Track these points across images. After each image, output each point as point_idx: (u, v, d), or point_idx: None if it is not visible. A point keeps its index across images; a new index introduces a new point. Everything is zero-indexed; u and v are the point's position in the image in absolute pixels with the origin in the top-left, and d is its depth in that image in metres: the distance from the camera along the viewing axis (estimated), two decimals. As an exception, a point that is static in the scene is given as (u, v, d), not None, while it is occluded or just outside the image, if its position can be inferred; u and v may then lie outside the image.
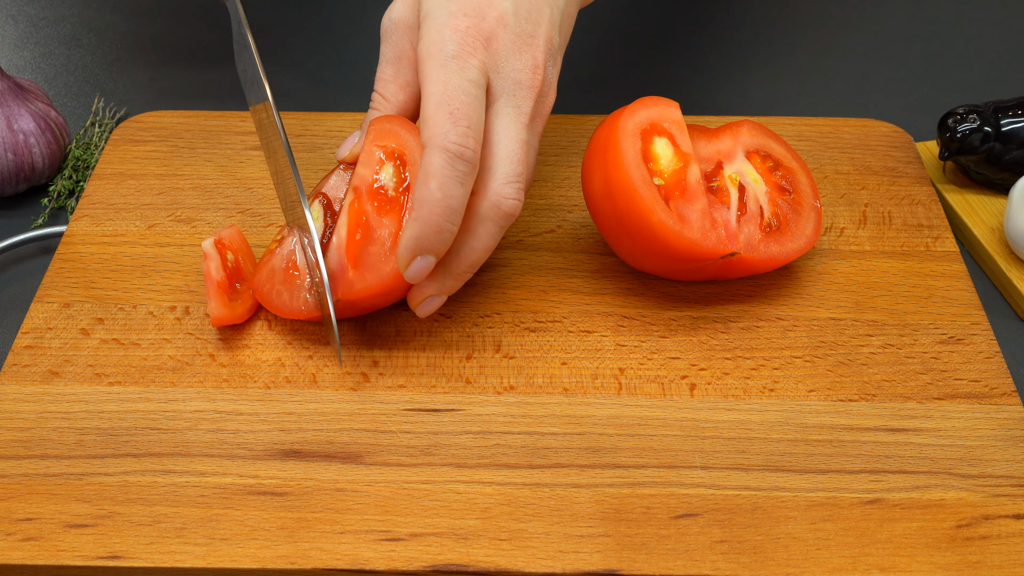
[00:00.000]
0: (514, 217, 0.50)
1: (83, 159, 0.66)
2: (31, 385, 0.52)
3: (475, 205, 0.50)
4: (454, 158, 0.47)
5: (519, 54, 0.51)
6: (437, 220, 0.48)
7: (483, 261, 0.51)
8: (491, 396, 0.52)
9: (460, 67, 0.49)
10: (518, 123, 0.51)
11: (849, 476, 0.49)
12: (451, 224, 0.48)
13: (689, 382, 0.52)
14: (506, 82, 0.51)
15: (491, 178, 0.50)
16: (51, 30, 0.79)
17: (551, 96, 0.53)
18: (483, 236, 0.50)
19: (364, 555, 0.46)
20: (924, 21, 0.80)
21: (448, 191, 0.48)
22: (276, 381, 0.52)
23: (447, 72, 0.49)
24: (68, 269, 0.58)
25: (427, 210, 0.48)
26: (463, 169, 0.48)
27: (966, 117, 0.61)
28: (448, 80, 0.49)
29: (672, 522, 0.47)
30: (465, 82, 0.49)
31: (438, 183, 0.47)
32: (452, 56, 0.49)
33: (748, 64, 0.76)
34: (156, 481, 0.48)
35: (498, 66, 0.51)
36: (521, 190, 0.50)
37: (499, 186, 0.50)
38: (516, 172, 0.50)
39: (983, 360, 0.53)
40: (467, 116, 0.48)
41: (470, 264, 0.51)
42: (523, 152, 0.50)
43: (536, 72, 0.51)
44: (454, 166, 0.47)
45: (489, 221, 0.50)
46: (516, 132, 0.50)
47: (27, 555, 0.46)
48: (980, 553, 0.46)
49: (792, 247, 0.55)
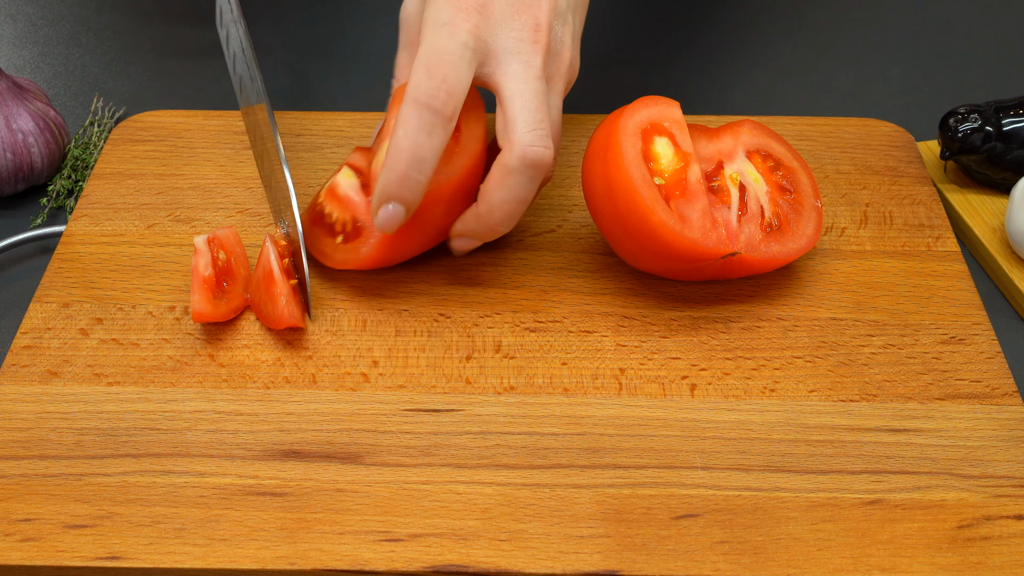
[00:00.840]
0: (544, 166, 0.51)
1: (82, 159, 0.66)
2: (30, 385, 0.52)
3: (503, 159, 0.51)
4: (422, 108, 0.49)
5: (518, 16, 0.52)
6: (403, 168, 0.49)
7: (517, 215, 0.52)
8: (491, 396, 0.52)
9: (450, 32, 0.50)
10: (529, 74, 0.51)
11: (850, 476, 0.48)
12: (417, 173, 0.49)
13: (690, 382, 0.52)
14: (508, 42, 0.52)
15: (512, 130, 0.50)
16: (50, 29, 0.78)
17: (565, 55, 0.53)
18: (513, 188, 0.51)
19: (364, 556, 0.45)
20: (925, 20, 0.80)
21: (414, 139, 0.49)
22: (275, 381, 0.52)
23: (435, 36, 0.50)
24: (67, 269, 0.57)
25: (393, 158, 0.49)
26: (429, 119, 0.49)
27: (967, 117, 0.61)
28: (435, 43, 0.50)
29: (673, 523, 0.47)
30: (452, 43, 0.50)
31: (404, 131, 0.49)
32: (444, 23, 0.51)
33: (749, 63, 0.76)
34: (155, 481, 0.48)
35: (495, 30, 0.51)
36: (545, 136, 0.50)
37: (521, 135, 0.50)
38: (536, 119, 0.50)
39: (984, 360, 0.53)
40: (443, 72, 0.49)
41: (503, 216, 0.52)
42: (539, 100, 0.51)
43: (539, 30, 0.52)
44: (421, 116, 0.49)
45: (517, 172, 0.50)
46: (529, 83, 0.51)
47: (26, 556, 0.45)
48: (981, 554, 0.46)
49: (793, 247, 0.55)
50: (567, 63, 0.54)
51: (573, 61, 0.55)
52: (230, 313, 0.54)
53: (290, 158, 0.64)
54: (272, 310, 0.53)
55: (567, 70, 0.54)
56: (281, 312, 0.53)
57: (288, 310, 0.53)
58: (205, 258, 0.54)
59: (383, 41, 0.77)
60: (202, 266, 0.54)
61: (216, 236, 0.56)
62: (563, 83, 0.54)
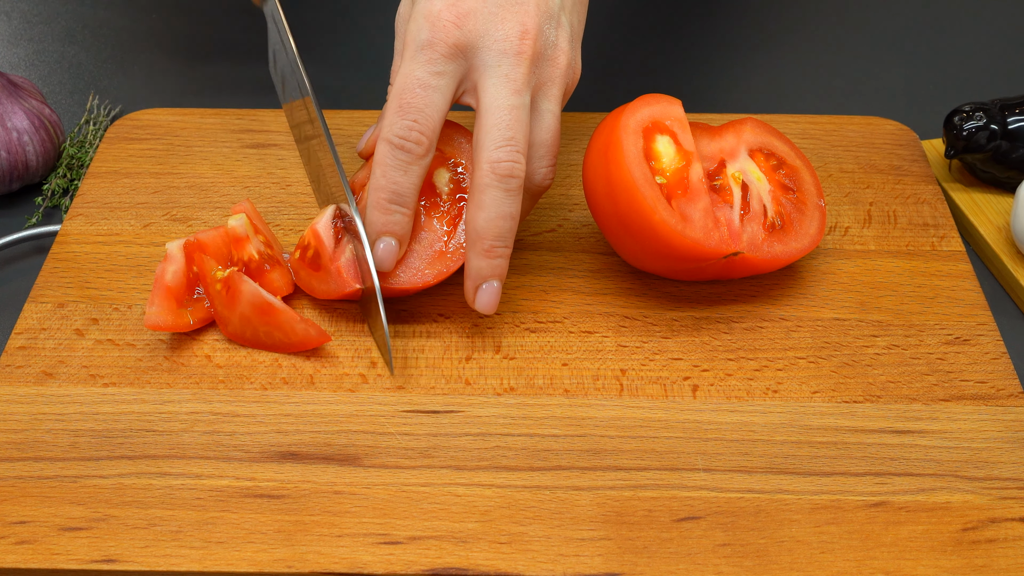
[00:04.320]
0: (514, 178, 0.51)
1: (77, 157, 0.66)
2: (25, 386, 0.51)
3: (475, 178, 0.51)
4: (395, 148, 0.51)
5: (503, 23, 0.51)
6: (384, 204, 0.51)
7: (509, 232, 0.51)
8: (491, 397, 0.51)
9: (427, 58, 0.51)
10: (505, 90, 0.51)
11: (854, 478, 0.48)
12: (399, 207, 0.51)
13: (692, 383, 0.52)
14: (489, 55, 0.51)
15: (482, 148, 0.51)
16: (45, 27, 0.78)
17: (560, 60, 0.53)
18: (492, 204, 0.51)
19: (362, 558, 0.45)
20: (929, 17, 0.79)
21: (391, 178, 0.51)
22: (273, 382, 0.52)
23: (413, 63, 0.51)
24: (62, 269, 0.57)
25: (374, 196, 0.52)
26: (403, 158, 0.51)
27: (972, 115, 0.60)
28: (410, 72, 0.51)
29: (674, 525, 0.46)
30: (426, 74, 0.51)
31: (381, 171, 0.51)
32: (422, 46, 0.51)
33: (751, 61, 0.75)
34: (151, 484, 0.48)
35: (479, 42, 0.51)
36: (514, 152, 0.50)
37: (488, 152, 0.51)
38: (504, 136, 0.51)
39: (989, 361, 0.53)
40: (416, 109, 0.51)
41: (494, 236, 0.51)
42: (512, 117, 0.51)
43: (524, 37, 0.51)
44: (395, 156, 0.51)
45: (491, 188, 0.50)
46: (503, 99, 0.51)
47: (20, 559, 0.45)
48: (986, 556, 0.45)
49: (796, 246, 0.55)
50: (563, 66, 0.53)
51: (572, 63, 0.53)
52: (196, 324, 0.53)
53: (290, 156, 0.64)
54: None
55: (563, 74, 0.53)
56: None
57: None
58: (175, 265, 0.53)
59: (382, 41, 0.76)
60: (169, 274, 0.53)
61: (199, 239, 0.55)
62: (558, 87, 0.53)
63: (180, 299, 0.53)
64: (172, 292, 0.53)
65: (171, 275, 0.53)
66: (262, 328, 0.52)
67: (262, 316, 0.52)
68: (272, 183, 0.62)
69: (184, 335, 0.54)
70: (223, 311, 0.53)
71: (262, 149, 0.64)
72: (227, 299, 0.52)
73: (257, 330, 0.52)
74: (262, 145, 0.64)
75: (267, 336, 0.52)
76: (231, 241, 0.55)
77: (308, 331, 0.52)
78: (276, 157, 0.63)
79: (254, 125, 0.66)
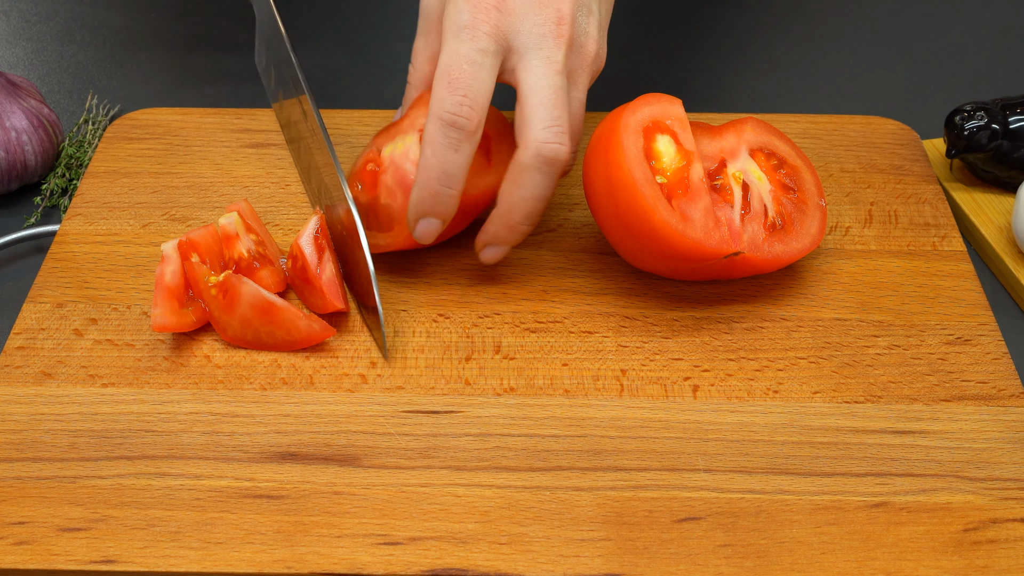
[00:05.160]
0: (560, 162, 0.51)
1: (76, 157, 0.65)
2: (23, 386, 0.51)
3: (518, 156, 0.51)
4: (447, 126, 0.50)
5: (540, 9, 0.52)
6: (433, 185, 0.51)
7: (538, 212, 0.52)
8: (491, 398, 0.51)
9: (471, 36, 0.51)
10: (548, 71, 0.51)
11: (855, 479, 0.48)
12: (448, 188, 0.51)
13: (692, 383, 0.52)
14: (529, 38, 0.52)
15: (528, 128, 0.51)
16: (44, 26, 0.78)
17: (590, 47, 0.53)
18: (530, 185, 0.51)
19: (361, 559, 0.45)
20: (931, 16, 0.79)
21: (441, 157, 0.50)
22: (272, 383, 0.52)
23: (457, 42, 0.51)
24: (61, 269, 0.57)
25: (423, 176, 0.51)
26: (455, 136, 0.50)
27: (973, 114, 0.60)
28: (456, 50, 0.51)
29: (675, 526, 0.46)
30: (472, 51, 0.50)
31: (432, 150, 0.50)
32: (464, 27, 0.51)
33: (752, 61, 0.75)
34: (150, 484, 0.47)
35: (517, 26, 0.52)
36: (561, 133, 0.51)
37: (536, 132, 0.50)
38: (552, 116, 0.51)
39: (991, 361, 0.53)
40: (465, 85, 0.50)
41: (523, 215, 0.52)
42: (556, 97, 0.51)
43: (561, 23, 0.52)
44: (447, 134, 0.50)
45: (533, 170, 0.51)
46: (547, 79, 0.51)
47: (19, 559, 0.45)
48: (988, 557, 0.45)
49: (797, 246, 0.54)
50: (591, 55, 0.54)
51: (599, 53, 0.54)
52: (196, 323, 0.53)
53: (289, 155, 0.63)
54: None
55: (591, 63, 0.54)
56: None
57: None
58: (172, 266, 0.53)
59: (383, 39, 0.76)
60: (168, 275, 0.53)
61: (190, 238, 0.54)
62: (587, 76, 0.54)
63: (180, 299, 0.53)
64: (173, 292, 0.53)
65: (170, 275, 0.53)
66: (264, 328, 0.52)
67: (263, 316, 0.52)
68: (271, 183, 0.62)
69: (183, 335, 0.53)
70: (221, 315, 0.52)
71: (261, 149, 0.64)
72: (225, 303, 0.52)
73: (259, 331, 0.52)
74: (261, 145, 0.64)
75: (269, 336, 0.52)
76: (222, 239, 0.55)
77: (312, 326, 0.52)
78: (275, 157, 0.63)
79: (253, 125, 0.65)
